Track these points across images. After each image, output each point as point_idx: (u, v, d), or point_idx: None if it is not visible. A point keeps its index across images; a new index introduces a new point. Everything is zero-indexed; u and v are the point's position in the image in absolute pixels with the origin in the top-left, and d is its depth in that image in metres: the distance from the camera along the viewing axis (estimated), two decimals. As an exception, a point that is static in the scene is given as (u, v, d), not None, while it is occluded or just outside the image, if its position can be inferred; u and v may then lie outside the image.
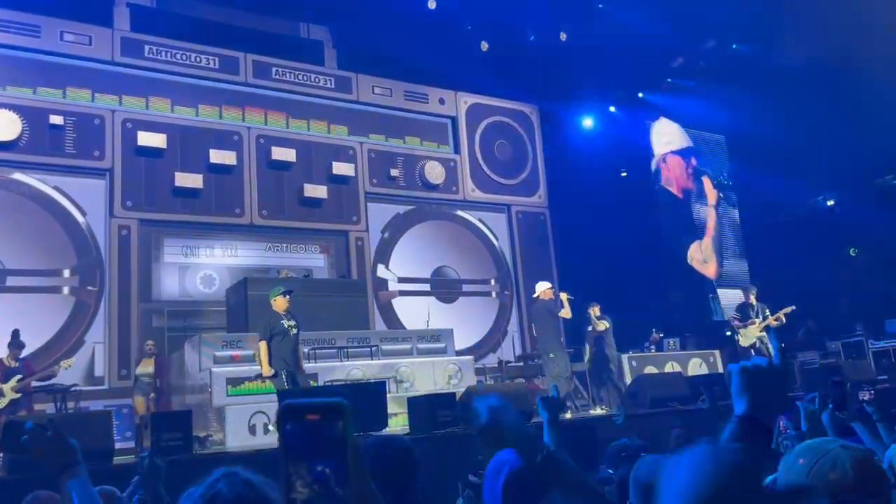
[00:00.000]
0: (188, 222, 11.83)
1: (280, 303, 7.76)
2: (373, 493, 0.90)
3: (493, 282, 14.65)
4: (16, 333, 8.23)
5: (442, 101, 14.81)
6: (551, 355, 9.42)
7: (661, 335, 12.71)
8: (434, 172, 14.19)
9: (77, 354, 10.27)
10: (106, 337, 10.78)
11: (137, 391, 9.15)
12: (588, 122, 16.11)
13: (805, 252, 14.32)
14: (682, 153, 17.14)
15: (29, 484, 2.72)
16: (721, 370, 11.63)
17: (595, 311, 10.80)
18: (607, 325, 10.64)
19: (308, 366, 9.18)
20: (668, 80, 15.51)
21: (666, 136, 16.91)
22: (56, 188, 10.92)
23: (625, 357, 11.61)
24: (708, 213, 17.16)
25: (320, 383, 8.69)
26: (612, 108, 16.17)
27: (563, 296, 9.77)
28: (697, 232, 16.87)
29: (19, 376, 7.77)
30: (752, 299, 11.40)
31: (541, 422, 2.44)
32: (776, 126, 13.78)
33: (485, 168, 14.98)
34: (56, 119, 10.87)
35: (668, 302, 15.14)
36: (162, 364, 9.37)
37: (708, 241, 16.72)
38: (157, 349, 9.56)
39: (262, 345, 7.39)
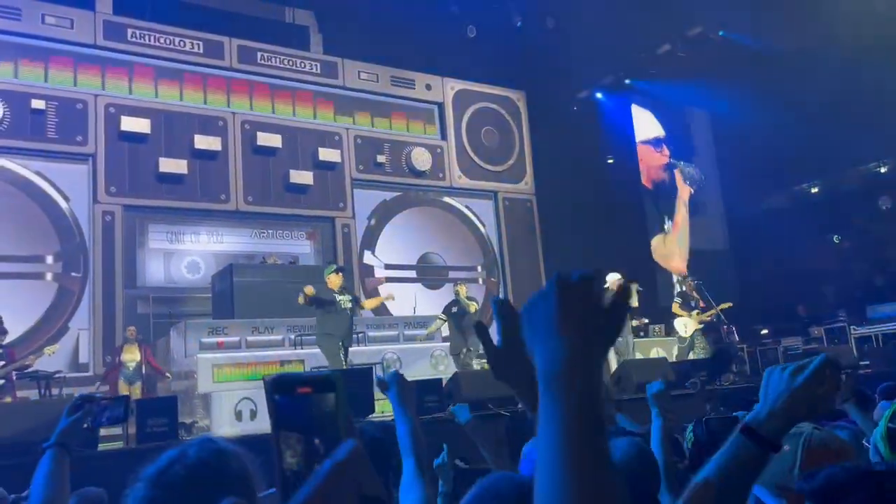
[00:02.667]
0: (173, 208, 11.75)
1: (333, 280, 8.21)
2: (370, 469, 0.89)
3: (479, 268, 14.67)
4: None
5: (428, 87, 14.75)
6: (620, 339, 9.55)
7: (647, 321, 12.79)
8: (421, 159, 14.16)
9: (61, 341, 10.21)
10: (90, 323, 10.71)
11: (122, 378, 9.10)
12: (575, 108, 16.09)
13: (790, 239, 14.44)
14: (653, 143, 17.03)
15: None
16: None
17: (462, 290, 10.01)
18: (477, 307, 9.87)
19: (294, 352, 9.19)
20: (652, 70, 15.50)
21: (640, 124, 16.80)
22: (38, 173, 10.80)
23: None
24: (678, 207, 16.85)
25: (307, 369, 8.68)
26: (598, 95, 16.16)
27: (633, 285, 9.97)
28: (663, 225, 16.56)
29: (2, 363, 7.71)
30: (692, 291, 11.31)
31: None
32: (762, 112, 13.84)
33: (471, 154, 14.96)
34: (38, 103, 10.73)
35: (654, 288, 15.22)
36: (148, 350, 9.32)
37: (674, 236, 16.40)
38: (139, 335, 9.50)
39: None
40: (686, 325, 10.90)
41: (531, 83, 15.22)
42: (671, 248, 16.34)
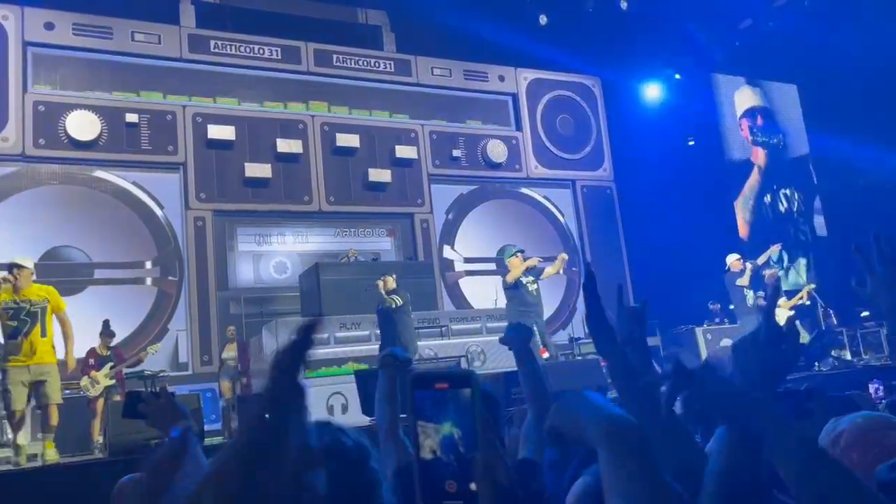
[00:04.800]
0: (259, 211, 12.16)
1: (515, 263, 8.61)
2: (501, 461, 0.94)
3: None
4: (107, 323, 8.67)
5: (502, 79, 14.70)
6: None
7: (719, 305, 12.34)
8: (496, 151, 14.14)
9: (161, 342, 10.75)
10: (188, 324, 11.22)
11: (223, 375, 9.53)
12: (653, 91, 15.70)
13: (891, 216, 13.64)
14: (745, 116, 16.56)
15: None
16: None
17: (388, 282, 8.90)
18: (399, 303, 8.73)
19: (377, 346, 9.38)
20: (736, 42, 14.93)
21: (723, 102, 16.38)
22: (135, 183, 11.38)
23: (699, 330, 11.40)
24: (752, 174, 16.48)
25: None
26: (677, 76, 15.71)
27: (748, 265, 10.00)
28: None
29: (111, 364, 8.20)
30: (772, 279, 10.91)
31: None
32: (853, 82, 13.13)
33: (547, 144, 14.83)
34: (131, 117, 11.31)
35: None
36: (243, 349, 9.71)
37: (740, 199, 16.08)
38: (238, 334, 9.91)
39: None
40: (777, 314, 10.52)
41: (606, 68, 14.93)
42: (737, 212, 16.01)
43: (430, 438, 0.87)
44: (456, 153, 13.86)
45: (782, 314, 10.56)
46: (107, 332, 8.56)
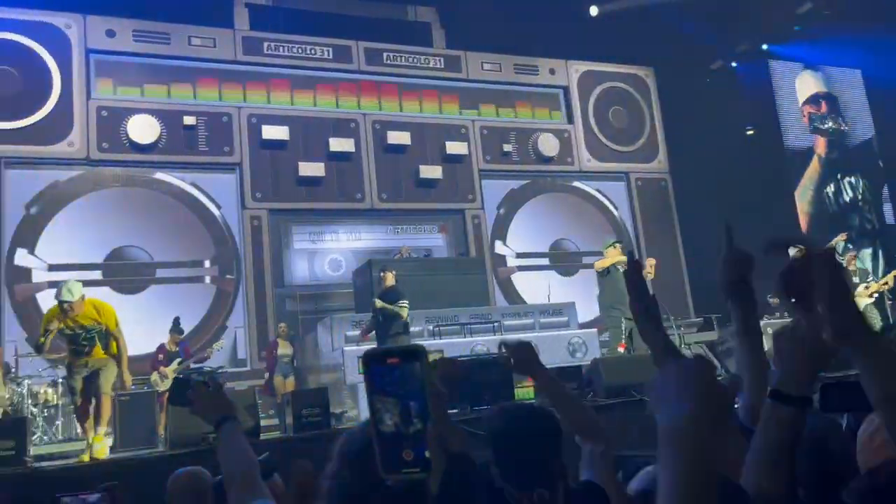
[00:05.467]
0: (313, 210, 12.34)
1: (610, 252, 8.87)
2: (455, 429, 0.98)
3: (614, 252, 14.32)
4: (176, 321, 8.97)
5: (552, 72, 14.56)
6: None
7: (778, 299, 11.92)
8: (547, 145, 14.02)
9: (224, 339, 11.04)
10: (245, 321, 11.48)
11: (278, 371, 9.72)
12: (708, 80, 15.32)
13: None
14: (810, 101, 16.04)
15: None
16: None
17: (388, 279, 8.62)
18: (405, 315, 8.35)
19: (433, 342, 9.40)
20: (796, 27, 14.45)
21: (782, 89, 15.88)
22: (193, 184, 11.68)
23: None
24: (812, 163, 15.92)
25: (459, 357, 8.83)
26: (734, 63, 15.30)
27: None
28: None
29: (180, 359, 8.48)
30: (852, 264, 10.61)
31: None
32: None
33: (600, 136, 14.62)
34: (189, 119, 11.61)
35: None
36: (295, 345, 9.88)
37: (799, 189, 15.54)
38: (290, 331, 10.08)
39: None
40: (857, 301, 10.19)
41: (659, 58, 14.63)
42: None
43: (388, 412, 0.93)
44: (507, 148, 13.80)
45: (861, 302, 10.23)
46: (176, 328, 8.86)
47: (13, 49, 10.79)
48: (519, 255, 13.66)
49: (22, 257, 10.43)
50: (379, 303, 8.31)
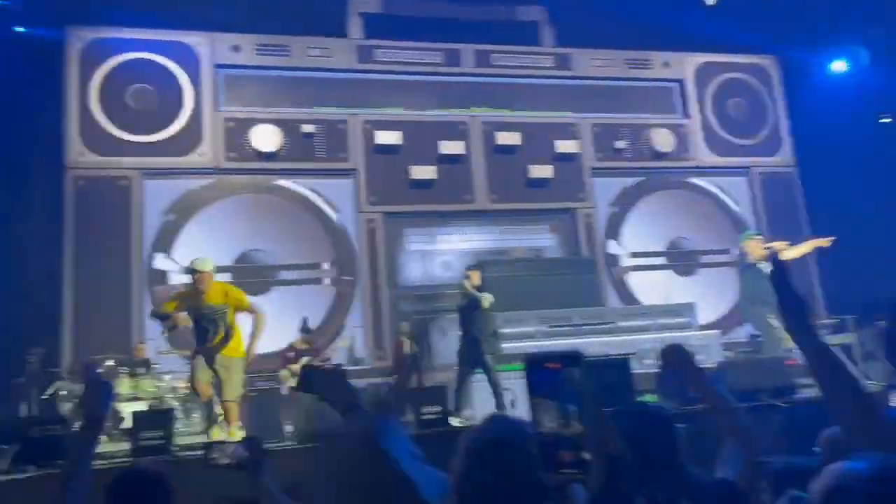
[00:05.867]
0: (425, 212, 12.55)
1: (749, 245, 8.56)
2: (610, 435, 0.98)
3: (737, 251, 13.70)
4: (304, 320, 9.42)
5: (667, 65, 14.12)
6: None
7: None
8: (662, 140, 13.60)
9: (340, 338, 11.46)
10: (362, 321, 11.83)
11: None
12: (837, 67, 14.35)
13: None
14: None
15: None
16: None
17: (474, 278, 8.37)
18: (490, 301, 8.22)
19: (548, 343, 9.35)
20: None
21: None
22: (312, 190, 12.17)
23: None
24: None
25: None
26: (864, 49, 14.25)
27: None
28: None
29: (308, 358, 8.90)
30: None
31: None
32: None
33: (718, 130, 14.03)
34: (308, 128, 12.10)
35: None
36: (400, 346, 10.04)
37: None
38: (411, 330, 10.28)
39: None
40: None
41: (783, 46, 13.86)
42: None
43: (547, 414, 0.98)
44: (619, 144, 13.50)
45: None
46: (304, 328, 9.29)
47: (150, 68, 11.63)
48: (633, 255, 13.32)
49: (160, 261, 11.23)
50: (468, 284, 8.27)
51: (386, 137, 12.34)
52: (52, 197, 10.76)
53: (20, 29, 10.77)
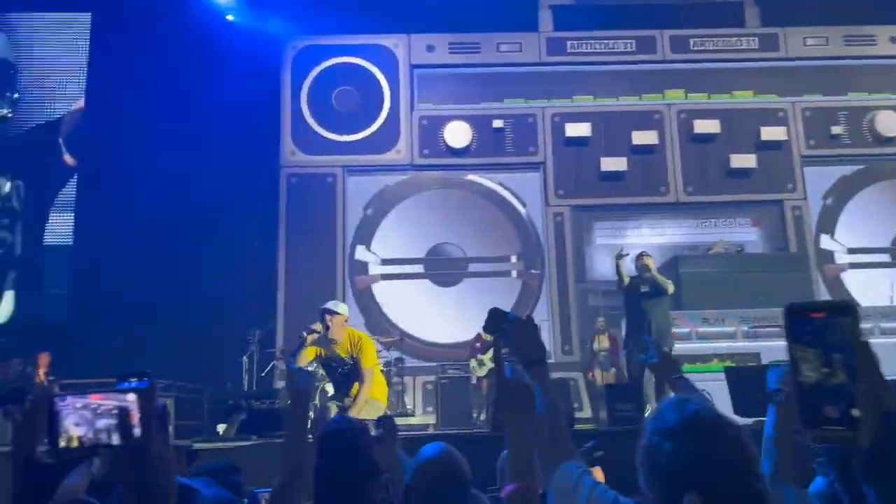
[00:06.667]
0: (615, 205, 12.24)
1: None
2: (887, 389, 0.90)
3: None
4: (495, 312, 9.58)
5: (894, 40, 12.59)
6: None
7: None
8: (888, 124, 12.16)
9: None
10: (549, 315, 11.80)
11: (595, 365, 9.83)
12: None
13: None
14: None
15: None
16: None
17: (649, 261, 7.85)
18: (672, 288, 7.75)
19: (748, 344, 8.78)
20: None
21: None
22: (501, 184, 12.33)
23: None
24: None
25: (764, 362, 8.18)
26: None
27: None
28: None
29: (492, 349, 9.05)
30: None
31: None
32: None
33: (960, 110, 12.28)
34: (497, 123, 12.28)
35: None
36: (613, 339, 9.85)
37: None
38: (607, 325, 10.09)
39: None
40: None
41: None
42: None
43: (808, 363, 0.91)
44: (835, 130, 12.26)
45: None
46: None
47: (353, 71, 12.41)
48: (851, 251, 12.06)
49: (361, 253, 11.97)
50: (650, 262, 7.85)
51: (575, 129, 12.19)
52: (269, 194, 11.86)
53: (242, 39, 11.94)
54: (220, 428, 6.32)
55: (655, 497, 1.20)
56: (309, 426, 2.25)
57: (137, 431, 1.03)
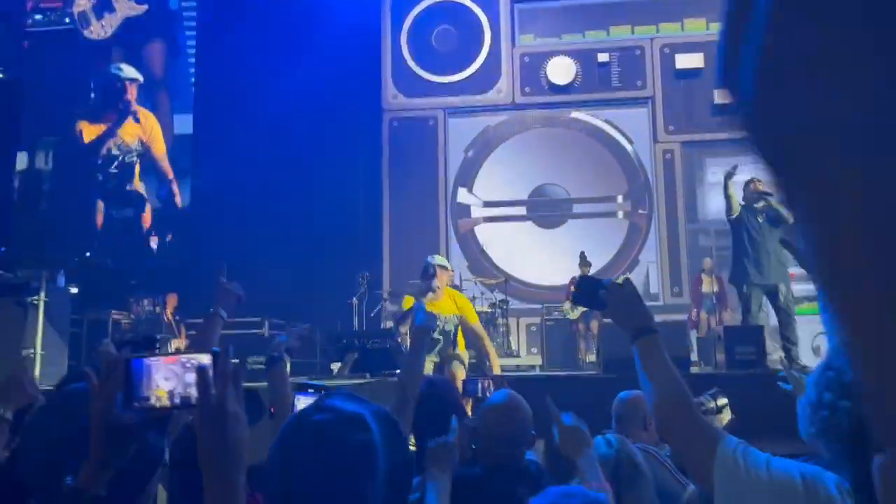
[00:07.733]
0: (730, 140, 11.58)
1: None
2: None
3: None
4: (583, 255, 9.43)
5: None
6: None
7: None
8: None
9: (633, 273, 11.23)
10: (657, 256, 11.46)
11: (703, 307, 9.53)
12: None
13: None
14: None
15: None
16: None
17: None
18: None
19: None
20: None
21: None
22: (606, 121, 11.91)
23: None
24: None
25: None
26: None
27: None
28: None
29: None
30: None
31: None
32: None
33: None
34: (603, 57, 11.79)
35: None
36: (720, 282, 9.50)
37: None
38: (715, 268, 9.73)
39: None
40: None
41: None
42: None
43: None
44: None
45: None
46: (584, 262, 9.32)
47: (451, 9, 12.18)
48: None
49: (463, 195, 11.96)
50: (765, 188, 7.01)
51: (687, 61, 11.53)
52: (373, 138, 11.97)
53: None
54: (335, 366, 6.56)
55: (833, 457, 1.11)
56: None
57: (213, 391, 1.07)
